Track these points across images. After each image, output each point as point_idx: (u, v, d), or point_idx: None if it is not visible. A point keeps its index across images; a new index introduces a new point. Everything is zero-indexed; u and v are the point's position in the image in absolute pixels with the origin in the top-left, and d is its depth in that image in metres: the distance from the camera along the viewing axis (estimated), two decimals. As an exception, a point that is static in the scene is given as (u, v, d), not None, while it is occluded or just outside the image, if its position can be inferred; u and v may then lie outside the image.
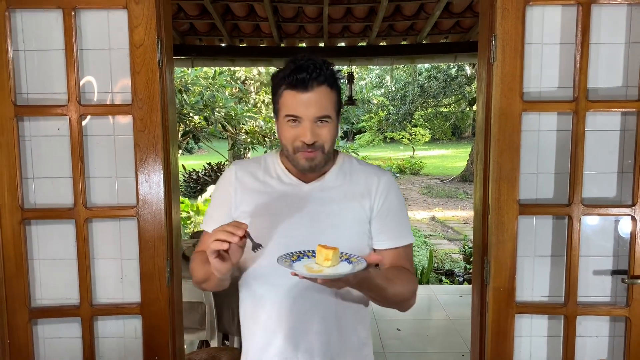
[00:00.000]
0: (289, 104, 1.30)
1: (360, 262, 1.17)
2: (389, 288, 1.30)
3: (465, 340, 4.03)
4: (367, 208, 1.40)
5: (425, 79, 20.17)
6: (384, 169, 1.52)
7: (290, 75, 1.28)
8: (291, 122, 1.30)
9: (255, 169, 1.46)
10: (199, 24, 4.17)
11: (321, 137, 1.31)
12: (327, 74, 1.29)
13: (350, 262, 1.19)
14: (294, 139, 1.31)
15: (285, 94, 1.30)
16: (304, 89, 1.27)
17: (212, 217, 1.46)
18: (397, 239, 1.43)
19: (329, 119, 1.31)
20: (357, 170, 1.46)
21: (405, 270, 1.41)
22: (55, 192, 1.88)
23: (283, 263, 1.16)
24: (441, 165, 20.96)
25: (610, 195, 1.87)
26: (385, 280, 1.29)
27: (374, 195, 1.41)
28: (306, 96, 1.28)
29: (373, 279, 1.22)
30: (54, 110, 1.82)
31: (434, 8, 3.74)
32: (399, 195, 1.46)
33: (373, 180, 1.43)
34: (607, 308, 1.87)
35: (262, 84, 7.48)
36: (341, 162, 1.47)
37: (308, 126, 1.29)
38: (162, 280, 1.88)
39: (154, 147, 1.83)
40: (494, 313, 1.86)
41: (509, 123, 1.80)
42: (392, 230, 1.42)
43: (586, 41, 1.77)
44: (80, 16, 1.82)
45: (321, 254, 1.17)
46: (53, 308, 1.90)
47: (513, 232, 1.82)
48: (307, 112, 1.28)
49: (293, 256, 1.23)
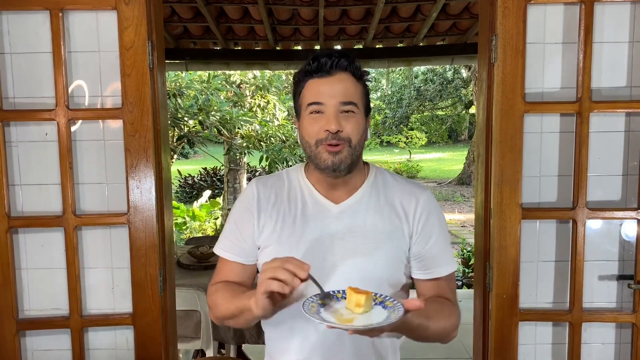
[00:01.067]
0: (312, 92, 1.23)
1: (397, 309, 1.02)
2: (430, 327, 1.17)
3: (466, 346, 3.97)
4: (406, 234, 1.28)
5: (421, 82, 20.20)
6: (422, 185, 1.39)
7: (312, 63, 1.22)
8: (314, 114, 1.22)
9: (279, 187, 1.33)
10: (192, 27, 4.12)
11: (346, 129, 1.20)
12: (350, 61, 1.23)
13: (385, 307, 1.05)
14: (317, 131, 1.21)
15: (308, 85, 1.24)
16: (326, 73, 1.21)
17: (232, 241, 1.32)
18: (438, 268, 1.30)
19: (355, 109, 1.22)
20: (392, 187, 1.33)
21: (447, 301, 1.29)
22: (44, 199, 1.82)
23: (309, 310, 1.02)
24: (438, 168, 20.94)
25: (615, 198, 1.82)
26: (426, 318, 1.15)
27: (413, 218, 1.29)
28: (329, 81, 1.21)
29: (412, 322, 1.09)
30: (41, 114, 1.76)
31: (431, 10, 3.70)
32: (440, 217, 1.33)
33: (411, 200, 1.30)
34: (613, 314, 1.82)
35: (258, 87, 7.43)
36: (373, 177, 1.34)
37: (332, 112, 1.20)
38: (155, 290, 1.82)
39: (145, 152, 1.77)
40: (497, 321, 1.81)
41: (510, 125, 1.75)
42: (433, 259, 1.30)
43: (589, 40, 1.72)
44: (68, 17, 1.77)
45: (352, 298, 1.04)
46: (42, 319, 1.84)
47: (516, 237, 1.77)
48: (331, 98, 1.20)
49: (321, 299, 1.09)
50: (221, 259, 1.35)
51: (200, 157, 18.84)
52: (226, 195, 8.75)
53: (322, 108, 1.21)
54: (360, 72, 1.25)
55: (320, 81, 1.22)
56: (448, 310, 1.26)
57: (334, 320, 1.00)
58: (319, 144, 1.22)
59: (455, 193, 15.56)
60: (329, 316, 1.03)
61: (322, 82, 1.21)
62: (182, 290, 2.87)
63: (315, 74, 1.22)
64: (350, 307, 1.04)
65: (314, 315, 1.01)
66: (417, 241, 1.29)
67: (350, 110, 1.21)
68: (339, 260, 1.24)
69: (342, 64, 1.22)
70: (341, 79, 1.22)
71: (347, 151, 1.21)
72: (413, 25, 4.17)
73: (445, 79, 19.36)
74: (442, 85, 19.42)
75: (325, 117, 1.20)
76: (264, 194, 1.32)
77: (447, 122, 23.21)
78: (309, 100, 1.23)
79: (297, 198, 1.31)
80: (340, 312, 1.05)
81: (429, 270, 1.30)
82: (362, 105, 1.25)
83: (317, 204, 1.29)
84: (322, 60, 1.21)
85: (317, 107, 1.21)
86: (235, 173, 8.71)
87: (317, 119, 1.21)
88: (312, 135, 1.22)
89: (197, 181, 13.45)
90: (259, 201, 1.31)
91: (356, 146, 1.23)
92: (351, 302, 1.04)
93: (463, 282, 6.46)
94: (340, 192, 1.30)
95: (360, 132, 1.23)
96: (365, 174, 1.34)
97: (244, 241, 1.31)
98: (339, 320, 1.00)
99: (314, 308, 1.04)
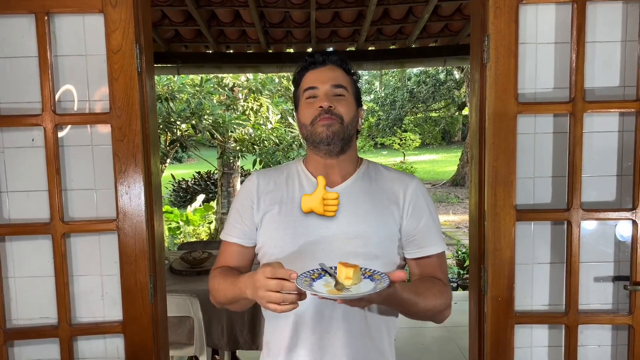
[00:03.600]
0: (308, 80, 1.39)
1: (384, 280, 1.11)
2: (420, 302, 1.26)
3: (462, 348, 3.96)
4: (397, 216, 1.37)
5: (414, 84, 20.24)
6: (411, 174, 1.50)
7: (308, 58, 1.42)
8: (310, 99, 1.36)
9: (278, 175, 1.45)
10: (184, 30, 4.09)
11: (338, 107, 1.34)
12: (341, 59, 1.42)
13: (373, 280, 1.13)
14: (312, 112, 1.35)
15: (305, 76, 1.41)
16: (321, 64, 1.40)
17: (233, 226, 1.44)
18: (428, 248, 1.39)
19: (345, 92, 1.37)
20: (384, 175, 1.44)
21: (438, 280, 1.37)
22: (31, 206, 1.78)
23: (302, 284, 1.10)
24: (432, 170, 20.95)
25: (610, 199, 1.80)
26: (415, 294, 1.25)
27: (403, 202, 1.39)
28: (322, 70, 1.39)
29: (400, 294, 1.18)
30: (27, 120, 1.73)
31: (423, 11, 3.69)
32: (428, 200, 1.43)
33: (401, 186, 1.41)
34: (610, 316, 1.80)
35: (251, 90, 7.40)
36: (366, 166, 1.45)
37: (324, 93, 1.35)
38: (145, 297, 1.79)
39: (134, 157, 1.74)
40: (492, 324, 1.79)
41: (504, 126, 1.73)
42: (422, 239, 1.38)
43: (582, 40, 1.71)
44: (54, 21, 1.74)
45: (342, 272, 1.13)
46: (30, 328, 1.81)
47: (511, 238, 1.75)
48: (323, 82, 1.36)
49: (314, 274, 1.18)
50: (223, 242, 1.46)
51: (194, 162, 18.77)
52: (220, 199, 8.71)
53: (316, 92, 1.36)
54: (349, 67, 1.43)
55: (315, 71, 1.40)
56: (438, 288, 1.34)
57: (325, 291, 1.08)
58: (314, 122, 1.34)
59: (450, 194, 15.57)
60: (321, 288, 1.11)
61: (317, 71, 1.39)
62: (175, 296, 2.83)
63: (311, 66, 1.41)
64: (341, 280, 1.12)
65: (307, 287, 1.09)
66: (409, 221, 1.38)
67: (341, 93, 1.37)
68: (334, 238, 1.32)
69: (333, 59, 1.41)
70: (332, 68, 1.39)
71: (339, 126, 1.34)
72: (405, 27, 4.16)
73: (438, 81, 19.39)
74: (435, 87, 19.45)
75: (318, 99, 1.35)
76: (264, 182, 1.43)
77: (440, 123, 23.23)
78: (305, 86, 1.39)
79: (294, 183, 1.42)
80: (330, 284, 1.13)
81: (421, 248, 1.38)
82: (352, 92, 1.40)
83: (314, 187, 1.38)
84: (316, 56, 1.41)
85: (312, 92, 1.37)
86: (229, 177, 8.68)
87: (312, 103, 1.36)
88: (308, 116, 1.36)
89: (190, 185, 13.41)
90: (259, 187, 1.42)
91: (348, 125, 1.36)
92: (341, 275, 1.12)
93: (458, 284, 6.45)
94: (335, 177, 1.40)
95: (351, 113, 1.37)
96: (358, 164, 1.45)
97: (244, 224, 1.42)
98: (328, 291, 1.09)
99: (306, 282, 1.13)
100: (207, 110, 6.23)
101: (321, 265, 1.21)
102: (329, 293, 1.08)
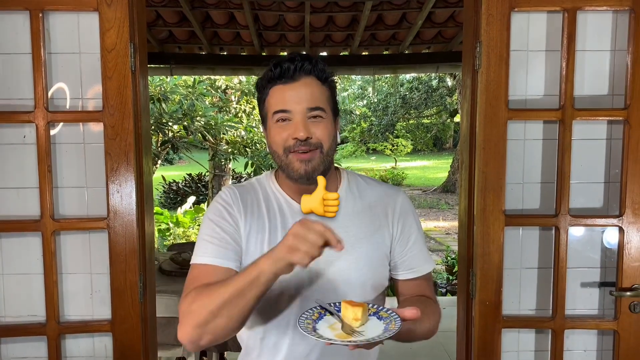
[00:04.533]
0: (277, 99, 1.18)
1: (393, 319, 1.03)
2: (417, 329, 1.17)
3: (449, 353, 3.97)
4: (386, 236, 1.28)
5: (407, 90, 20.31)
6: (395, 186, 1.42)
7: (275, 68, 1.18)
8: (281, 122, 1.18)
9: (255, 193, 1.28)
10: (178, 31, 4.10)
11: (316, 134, 1.17)
12: (314, 64, 1.19)
13: (380, 318, 1.06)
14: (285, 139, 1.17)
15: (271, 92, 1.20)
16: (290, 79, 1.17)
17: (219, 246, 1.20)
18: (419, 268, 1.31)
19: (323, 114, 1.19)
20: (367, 190, 1.32)
21: (430, 301, 1.30)
22: (21, 203, 1.78)
23: (305, 327, 1.01)
24: (423, 176, 21.03)
25: (598, 206, 1.83)
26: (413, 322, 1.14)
27: (392, 221, 1.30)
28: (294, 86, 1.17)
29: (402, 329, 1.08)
30: (19, 116, 1.73)
31: (416, 18, 3.72)
32: (416, 217, 1.35)
33: (389, 203, 1.31)
34: (595, 321, 1.82)
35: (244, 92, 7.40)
36: (347, 182, 1.32)
37: (300, 119, 1.16)
38: (134, 296, 1.78)
39: (126, 155, 1.75)
40: (480, 328, 1.80)
41: (494, 131, 1.75)
42: (414, 259, 1.31)
43: (572, 48, 1.73)
44: (48, 18, 1.74)
45: (348, 312, 1.04)
46: (17, 326, 1.80)
47: (499, 243, 1.77)
48: (297, 104, 1.16)
49: (314, 314, 1.08)
50: (199, 267, 1.19)
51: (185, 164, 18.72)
52: (210, 201, 8.67)
53: (289, 115, 1.17)
54: (324, 74, 1.22)
55: (285, 87, 1.18)
56: (431, 309, 1.26)
57: (332, 336, 1.00)
58: (287, 152, 1.18)
59: (440, 201, 15.63)
60: (327, 331, 1.02)
61: (287, 88, 1.18)
62: (164, 297, 2.82)
63: (279, 80, 1.19)
64: (348, 321, 1.03)
65: (312, 332, 1.00)
66: (399, 242, 1.30)
67: (319, 115, 1.18)
68: (323, 266, 1.21)
69: (305, 68, 1.18)
70: (306, 83, 1.18)
71: (319, 158, 1.19)
72: (399, 33, 4.19)
73: (431, 87, 19.48)
74: (428, 94, 19.55)
75: (292, 124, 1.17)
76: (243, 196, 1.27)
77: (432, 130, 23.33)
78: (274, 108, 1.19)
79: (274, 209, 1.27)
80: (335, 326, 1.04)
81: (412, 269, 1.31)
82: (329, 109, 1.22)
83: (296, 214, 1.25)
84: (284, 66, 1.17)
85: (283, 115, 1.18)
86: (220, 179, 8.67)
87: (285, 127, 1.18)
88: (279, 144, 1.19)
89: (181, 187, 13.36)
90: (241, 201, 1.26)
91: (328, 151, 1.21)
92: (348, 316, 1.04)
93: (447, 290, 6.47)
94: None
95: (330, 137, 1.21)
96: (339, 179, 1.33)
97: (236, 244, 1.22)
98: (337, 335, 1.00)
99: (309, 325, 1.03)
100: (199, 112, 6.23)
101: (319, 303, 1.12)
102: (338, 337, 0.99)
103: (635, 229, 1.75)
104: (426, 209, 14.44)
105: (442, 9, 3.62)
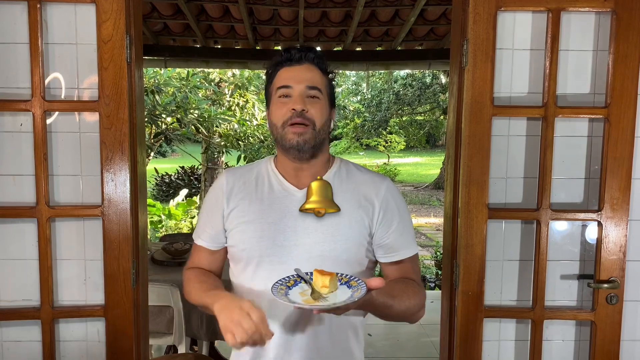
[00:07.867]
0: (282, 77, 1.35)
1: (360, 288, 1.10)
2: (395, 305, 1.25)
3: (435, 344, 4.04)
4: (368, 219, 1.36)
5: (400, 86, 20.34)
6: (383, 175, 1.48)
7: (284, 53, 1.37)
8: (282, 98, 1.33)
9: (247, 174, 1.43)
10: (172, 24, 4.12)
11: (311, 111, 1.31)
12: (318, 56, 1.37)
13: (349, 287, 1.13)
14: (284, 113, 1.32)
15: (278, 73, 1.36)
16: (296, 62, 1.35)
17: (202, 228, 1.45)
18: (402, 251, 1.38)
19: (320, 94, 1.34)
20: (355, 176, 1.42)
21: (412, 282, 1.36)
22: (17, 190, 1.82)
23: (278, 293, 1.10)
24: (415, 172, 21.12)
25: (578, 201, 1.89)
26: (390, 297, 1.24)
27: (375, 205, 1.37)
28: (298, 69, 1.35)
29: (375, 300, 1.17)
30: (16, 105, 1.76)
31: (409, 14, 3.76)
32: (401, 202, 1.41)
33: (373, 188, 1.38)
34: (573, 312, 1.89)
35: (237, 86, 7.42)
36: (337, 167, 1.42)
37: (298, 94, 1.31)
38: (127, 282, 1.83)
39: (121, 145, 1.79)
40: (462, 317, 1.86)
41: (479, 127, 1.81)
42: (396, 242, 1.38)
43: (555, 48, 1.79)
44: (46, 9, 1.77)
45: (318, 280, 1.12)
46: (12, 310, 1.84)
47: (482, 236, 1.83)
48: (298, 82, 1.32)
49: (290, 281, 1.17)
50: (194, 244, 1.48)
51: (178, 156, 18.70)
52: (203, 194, 8.71)
53: (290, 91, 1.32)
54: (325, 66, 1.39)
55: (290, 69, 1.35)
56: (412, 290, 1.33)
57: (300, 300, 1.09)
58: (285, 125, 1.32)
59: (432, 197, 15.72)
60: (297, 297, 1.11)
61: (291, 69, 1.35)
62: (156, 286, 2.87)
63: (286, 63, 1.36)
64: (317, 288, 1.11)
65: (283, 296, 1.09)
66: (380, 227, 1.37)
67: (315, 95, 1.33)
68: (301, 239, 1.32)
69: (309, 57, 1.36)
70: (309, 68, 1.35)
71: (311, 133, 1.31)
72: (392, 30, 4.23)
73: (424, 84, 19.52)
74: (421, 90, 19.58)
75: (292, 100, 1.32)
76: (233, 182, 1.42)
77: (425, 127, 23.38)
78: (278, 84, 1.35)
79: (264, 183, 1.41)
80: (306, 293, 1.12)
81: (392, 254, 1.38)
82: (326, 93, 1.37)
83: (283, 188, 1.39)
84: (292, 52, 1.36)
85: (285, 91, 1.33)
86: (213, 172, 8.69)
87: (285, 102, 1.33)
88: (279, 117, 1.33)
89: (174, 180, 13.34)
90: (228, 187, 1.41)
91: (320, 130, 1.33)
92: (318, 283, 1.12)
93: (436, 284, 6.54)
94: (305, 179, 1.37)
95: (323, 117, 1.34)
96: (330, 164, 1.43)
97: (212, 228, 1.42)
98: (305, 301, 1.09)
99: (282, 290, 1.12)
100: (192, 104, 6.24)
101: (297, 272, 1.20)
102: (306, 302, 1.08)
103: (613, 223, 1.81)
104: (417, 205, 14.53)
105: (434, 6, 3.67)
